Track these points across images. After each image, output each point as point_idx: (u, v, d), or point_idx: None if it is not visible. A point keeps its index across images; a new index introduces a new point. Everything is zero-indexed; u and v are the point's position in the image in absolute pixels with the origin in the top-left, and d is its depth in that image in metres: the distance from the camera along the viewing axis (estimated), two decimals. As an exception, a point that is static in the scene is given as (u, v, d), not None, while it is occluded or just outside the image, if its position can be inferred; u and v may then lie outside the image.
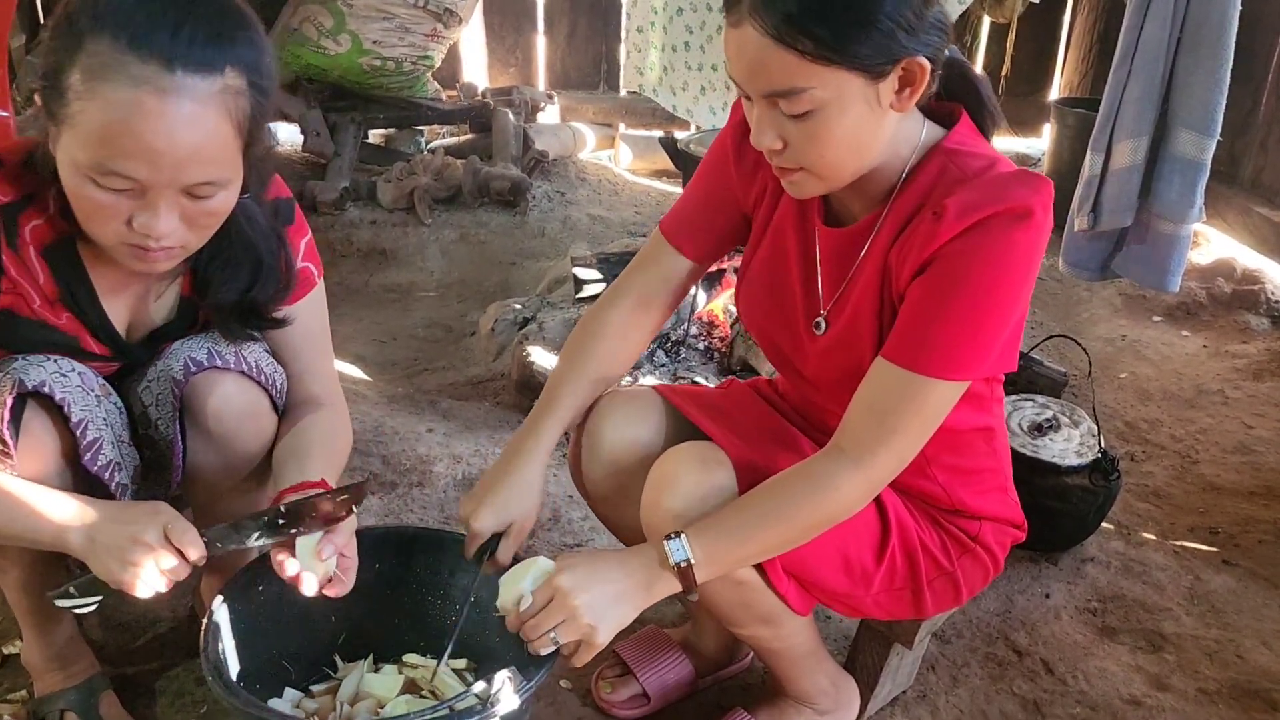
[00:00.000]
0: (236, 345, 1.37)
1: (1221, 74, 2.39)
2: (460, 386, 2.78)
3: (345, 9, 3.78)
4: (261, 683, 1.41)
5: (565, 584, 1.19)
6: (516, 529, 1.37)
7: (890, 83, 1.11)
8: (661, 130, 4.30)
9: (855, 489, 1.22)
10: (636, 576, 1.23)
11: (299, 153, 4.14)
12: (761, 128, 1.15)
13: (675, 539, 1.21)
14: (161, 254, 1.18)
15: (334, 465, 1.40)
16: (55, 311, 1.29)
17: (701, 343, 2.65)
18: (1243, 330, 3.19)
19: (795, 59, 1.06)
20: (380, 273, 3.60)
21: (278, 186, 1.39)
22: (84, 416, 1.28)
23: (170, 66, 1.07)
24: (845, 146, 1.14)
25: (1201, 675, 1.81)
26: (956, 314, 1.15)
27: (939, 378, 1.17)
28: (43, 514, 1.19)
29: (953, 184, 1.17)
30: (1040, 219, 1.14)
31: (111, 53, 1.06)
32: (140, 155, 1.08)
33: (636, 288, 1.46)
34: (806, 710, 1.57)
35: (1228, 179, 3.70)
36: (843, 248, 1.28)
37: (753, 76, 1.11)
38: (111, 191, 1.11)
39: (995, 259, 1.13)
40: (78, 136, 1.09)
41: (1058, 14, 4.66)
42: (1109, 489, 2.04)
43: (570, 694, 1.68)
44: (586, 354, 1.44)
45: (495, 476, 1.38)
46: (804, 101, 1.10)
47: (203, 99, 1.09)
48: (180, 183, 1.12)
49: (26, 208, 1.23)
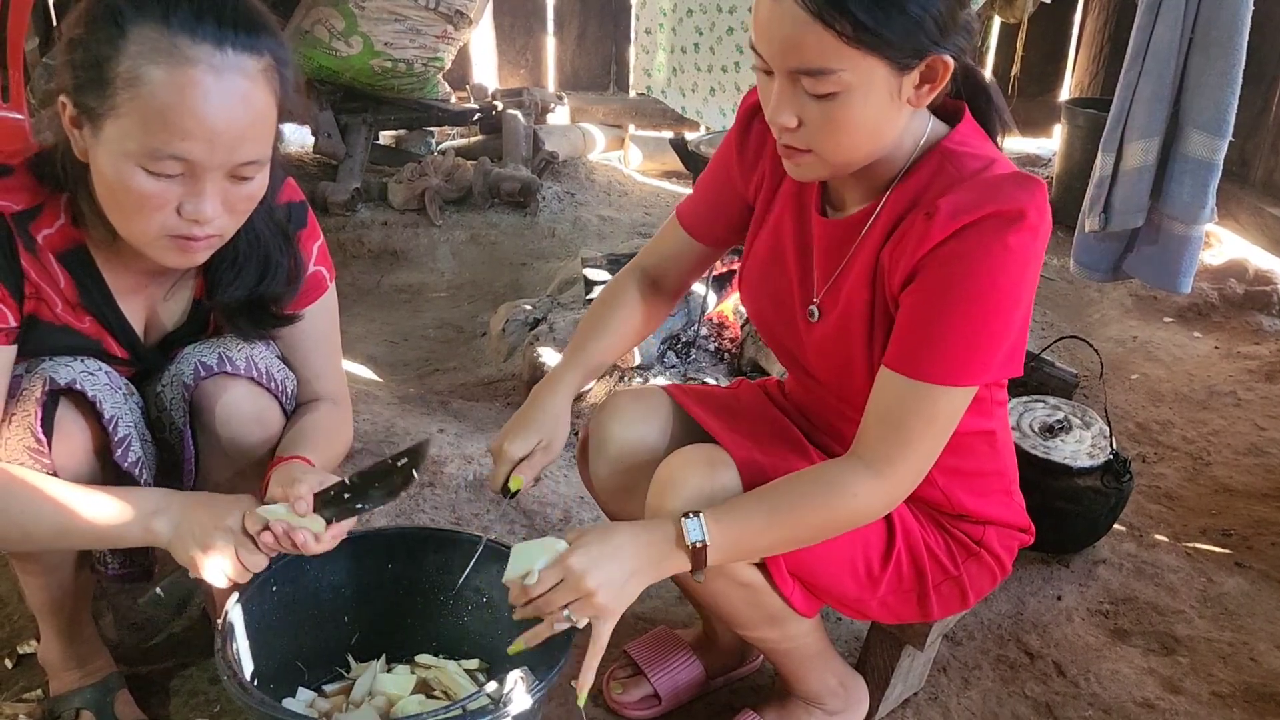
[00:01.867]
0: (248, 351, 1.38)
1: (1233, 74, 2.38)
2: (471, 387, 2.78)
3: (357, 11, 3.79)
4: (275, 683, 1.42)
5: (577, 564, 1.18)
6: (543, 449, 1.39)
7: (913, 77, 1.11)
8: (671, 131, 4.30)
9: (874, 497, 1.22)
10: (648, 552, 1.22)
11: (310, 154, 4.16)
12: (780, 103, 1.14)
13: (693, 518, 1.21)
14: (203, 243, 1.19)
15: (329, 454, 1.41)
16: (78, 316, 1.31)
17: (712, 344, 2.65)
18: (1255, 331, 3.18)
19: (832, 39, 1.06)
20: (391, 273, 3.62)
21: (290, 190, 1.40)
22: (115, 413, 1.30)
23: (221, 46, 1.09)
24: (860, 133, 1.14)
25: (1215, 678, 1.80)
26: (955, 319, 1.15)
27: (944, 384, 1.17)
28: (128, 508, 1.21)
29: (947, 184, 1.17)
30: (1035, 220, 1.13)
31: (162, 37, 1.07)
32: (198, 134, 1.09)
33: (652, 264, 1.54)
34: (816, 711, 1.57)
35: (1239, 179, 3.68)
36: (837, 238, 1.28)
37: (785, 51, 1.10)
38: (162, 179, 1.12)
39: (988, 262, 1.13)
40: (128, 125, 1.09)
41: (1068, 14, 4.65)
42: (1120, 491, 2.03)
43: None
44: (603, 323, 1.50)
45: (523, 413, 1.42)
46: (831, 83, 1.09)
47: (252, 76, 1.12)
48: (232, 162, 1.13)
49: (38, 216, 1.23)
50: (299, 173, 4.03)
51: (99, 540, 1.26)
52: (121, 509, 1.22)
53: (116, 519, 1.21)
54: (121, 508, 1.22)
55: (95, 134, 1.12)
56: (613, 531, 1.22)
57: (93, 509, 1.21)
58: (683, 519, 1.21)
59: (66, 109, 1.14)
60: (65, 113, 1.14)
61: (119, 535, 1.23)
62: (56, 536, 1.24)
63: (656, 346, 2.59)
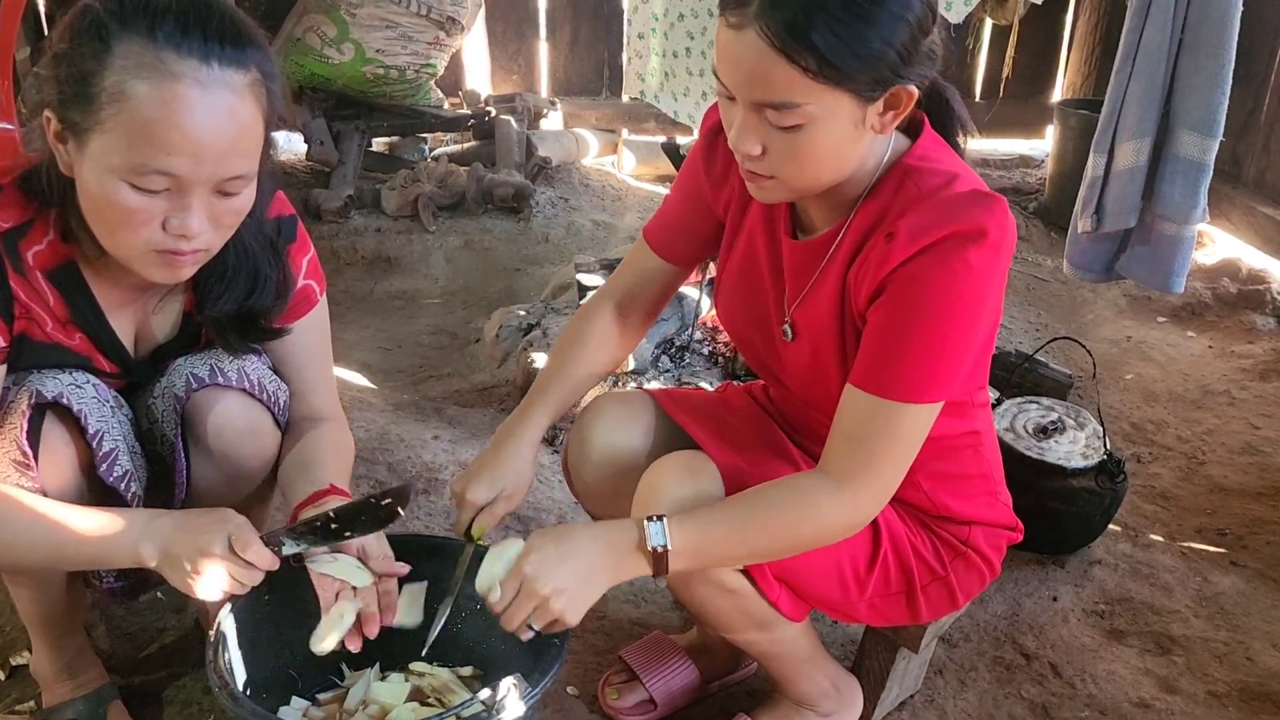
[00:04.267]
0: (240, 363, 1.38)
1: (1223, 75, 2.39)
2: (465, 393, 2.78)
3: (348, 18, 3.79)
4: (268, 692, 1.41)
5: (530, 571, 1.18)
6: (505, 497, 1.39)
7: (878, 105, 1.12)
8: (664, 136, 4.31)
9: (840, 514, 1.23)
10: (606, 555, 1.21)
11: (303, 161, 4.15)
12: (743, 132, 1.14)
13: (657, 522, 1.20)
14: (189, 257, 1.18)
15: (343, 475, 1.41)
16: (68, 333, 1.30)
17: (705, 347, 2.65)
18: (1248, 330, 3.18)
19: (797, 74, 1.06)
20: (385, 280, 3.61)
21: (280, 203, 1.39)
22: (100, 427, 1.29)
23: (207, 60, 1.08)
24: (824, 161, 1.15)
25: (1211, 678, 1.80)
26: (917, 338, 1.16)
27: (908, 401, 1.18)
28: (115, 533, 1.20)
29: (908, 204, 1.18)
30: (996, 237, 1.14)
31: (147, 51, 1.07)
32: (184, 149, 1.09)
33: (622, 291, 1.52)
34: (808, 713, 1.57)
35: (1231, 179, 3.70)
36: (805, 259, 1.29)
37: (749, 83, 1.10)
38: (148, 194, 1.11)
39: (948, 281, 1.14)
40: (114, 140, 1.08)
41: (1060, 16, 4.66)
42: (1115, 491, 2.03)
43: (577, 700, 1.67)
44: (573, 357, 1.49)
45: (487, 456, 1.41)
46: (795, 115, 1.10)
47: (239, 90, 1.11)
48: (218, 176, 1.13)
49: (27, 232, 1.22)
50: (292, 180, 4.03)
51: (89, 564, 1.26)
52: (109, 534, 1.20)
53: (104, 544, 1.20)
54: (109, 533, 1.20)
55: (80, 149, 1.11)
56: (571, 532, 1.23)
57: (81, 534, 1.20)
58: (646, 522, 1.20)
59: (51, 124, 1.13)
60: (50, 127, 1.13)
61: (107, 559, 1.22)
62: (46, 560, 1.24)
63: (651, 350, 2.59)
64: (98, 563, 1.25)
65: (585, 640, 1.81)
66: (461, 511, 1.39)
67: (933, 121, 1.25)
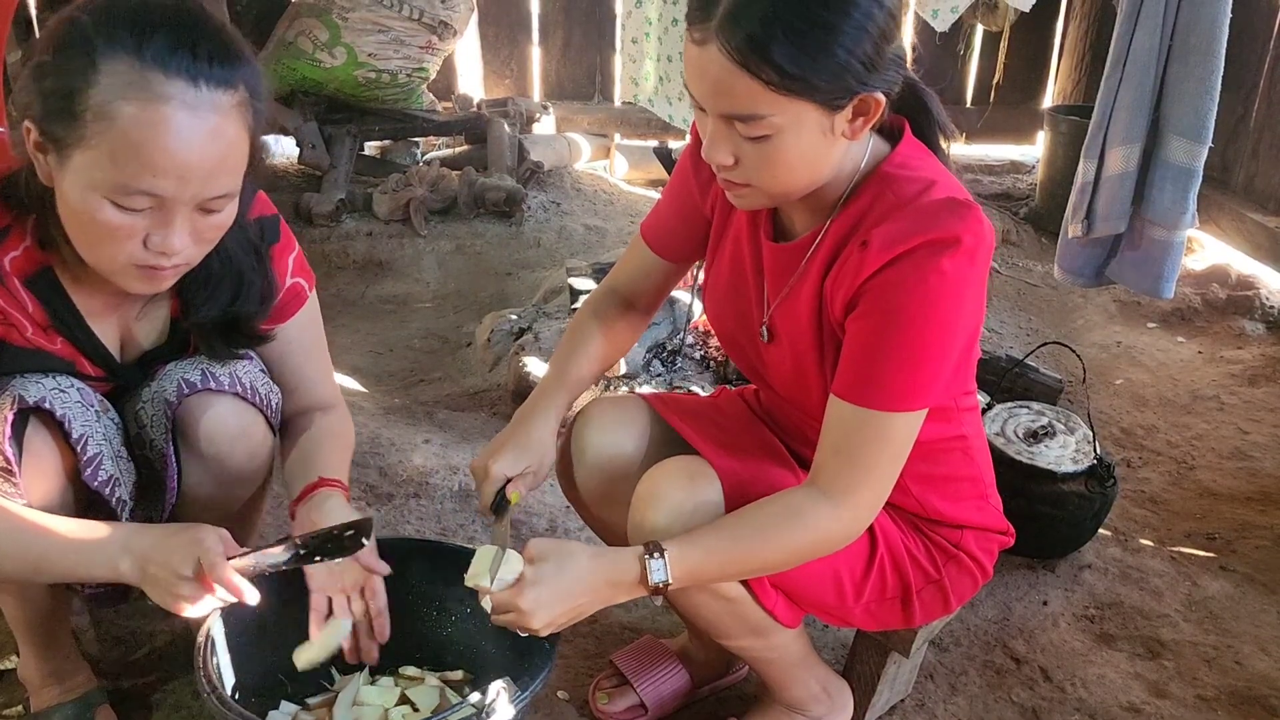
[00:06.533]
0: (232, 366, 1.37)
1: (1212, 81, 2.40)
2: (457, 397, 2.78)
3: (340, 22, 3.79)
4: (258, 696, 1.41)
5: (528, 607, 1.17)
6: (532, 473, 1.38)
7: (845, 113, 1.13)
8: (656, 140, 4.31)
9: (835, 527, 1.23)
10: (604, 591, 1.22)
11: (295, 165, 4.15)
12: (715, 143, 1.16)
13: (658, 559, 1.20)
14: (170, 272, 1.18)
15: (342, 465, 1.42)
16: (49, 338, 1.29)
17: (698, 352, 2.65)
18: (1238, 336, 3.20)
19: (759, 87, 1.07)
20: (376, 284, 3.60)
21: (262, 204, 1.38)
22: (84, 432, 1.28)
23: (195, 82, 1.07)
24: (796, 169, 1.16)
25: (1200, 682, 1.81)
26: (895, 347, 1.17)
27: (891, 410, 1.19)
28: (94, 548, 1.19)
29: (884, 211, 1.18)
30: (970, 245, 1.14)
31: (134, 71, 1.05)
32: (170, 171, 1.08)
33: (624, 284, 1.54)
34: (799, 717, 1.57)
35: (1220, 185, 3.71)
36: (783, 262, 1.30)
37: (714, 96, 1.12)
38: (131, 212, 1.10)
39: (923, 290, 1.14)
40: (97, 157, 1.07)
41: (1050, 22, 4.68)
42: (1105, 495, 2.04)
43: (567, 705, 1.67)
44: (584, 345, 1.49)
45: (507, 435, 1.40)
46: (762, 127, 1.11)
47: (226, 112, 1.10)
48: (203, 196, 1.12)
49: (4, 239, 1.21)
50: (283, 184, 4.02)
51: (67, 577, 1.24)
52: (88, 549, 1.19)
53: (82, 559, 1.19)
54: (88, 547, 1.19)
55: (62, 163, 1.10)
56: (571, 562, 1.21)
57: (60, 547, 1.19)
58: (647, 558, 1.20)
59: (31, 134, 1.11)
60: (30, 137, 1.11)
61: (87, 574, 1.20)
62: (22, 572, 1.23)
63: (642, 355, 2.59)
64: (77, 577, 1.23)
65: (576, 644, 1.81)
66: (484, 486, 1.35)
67: (913, 126, 1.26)
